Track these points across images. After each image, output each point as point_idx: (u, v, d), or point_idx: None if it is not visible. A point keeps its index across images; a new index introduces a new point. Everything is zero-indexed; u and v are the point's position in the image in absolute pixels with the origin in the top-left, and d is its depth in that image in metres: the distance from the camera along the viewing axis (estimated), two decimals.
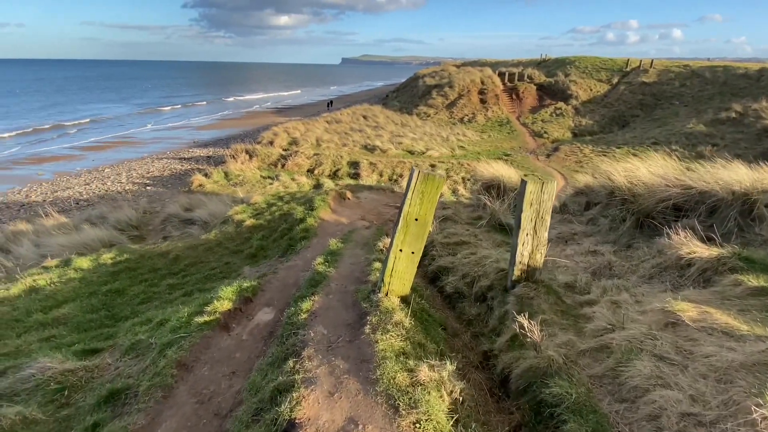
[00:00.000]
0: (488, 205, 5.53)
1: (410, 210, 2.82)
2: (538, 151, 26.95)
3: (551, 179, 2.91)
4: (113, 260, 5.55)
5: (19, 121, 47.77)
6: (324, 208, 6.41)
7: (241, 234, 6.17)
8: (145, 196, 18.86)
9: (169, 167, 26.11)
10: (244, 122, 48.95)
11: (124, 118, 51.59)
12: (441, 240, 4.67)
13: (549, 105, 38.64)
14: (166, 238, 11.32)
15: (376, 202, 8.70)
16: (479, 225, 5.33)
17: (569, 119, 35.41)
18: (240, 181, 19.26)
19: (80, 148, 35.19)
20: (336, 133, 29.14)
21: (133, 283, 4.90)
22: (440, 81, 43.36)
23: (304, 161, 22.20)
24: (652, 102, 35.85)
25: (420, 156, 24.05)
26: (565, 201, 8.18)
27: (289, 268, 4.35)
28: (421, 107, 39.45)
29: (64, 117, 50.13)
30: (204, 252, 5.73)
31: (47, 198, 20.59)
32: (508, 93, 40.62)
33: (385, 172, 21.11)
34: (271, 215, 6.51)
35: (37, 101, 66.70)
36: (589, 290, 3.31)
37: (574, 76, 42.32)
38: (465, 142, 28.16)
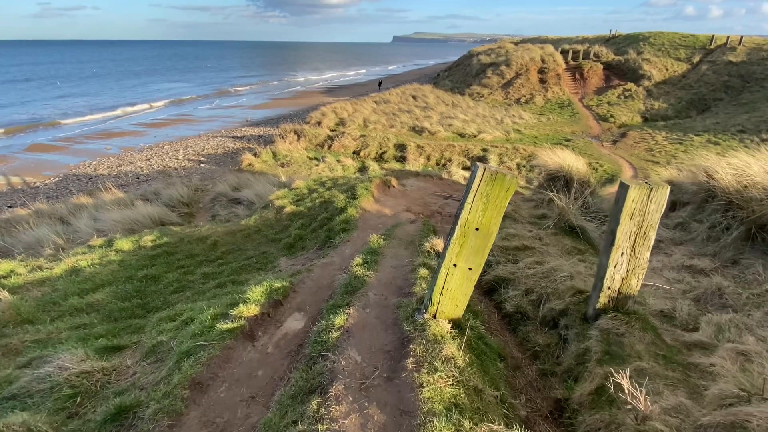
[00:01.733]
0: (556, 201, 4.77)
1: (470, 217, 2.24)
2: (603, 136, 24.72)
3: (662, 185, 2.20)
4: (153, 243, 5.48)
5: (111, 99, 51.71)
6: (366, 197, 5.94)
7: (281, 221, 5.88)
8: (198, 173, 19.49)
9: (223, 145, 26.91)
10: (295, 102, 49.53)
11: (194, 100, 53.66)
12: (498, 242, 4.04)
13: (617, 86, 35.33)
14: (214, 216, 11.48)
15: (422, 190, 8.10)
16: (545, 226, 4.60)
17: (639, 102, 32.17)
18: (287, 161, 19.33)
19: (144, 125, 37.30)
20: (384, 113, 28.48)
21: (169, 269, 4.75)
22: (496, 59, 40.97)
23: (350, 143, 21.87)
24: (740, 84, 31.60)
25: (471, 139, 22.86)
26: None
27: (325, 266, 3.94)
28: (475, 87, 37.60)
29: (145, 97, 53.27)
30: (242, 239, 5.50)
31: (112, 171, 21.95)
32: (571, 72, 37.60)
33: (433, 156, 20.28)
34: (311, 202, 6.16)
35: (113, 85, 71.59)
36: (696, 326, 2.58)
37: (647, 54, 38.25)
38: (521, 125, 26.43)
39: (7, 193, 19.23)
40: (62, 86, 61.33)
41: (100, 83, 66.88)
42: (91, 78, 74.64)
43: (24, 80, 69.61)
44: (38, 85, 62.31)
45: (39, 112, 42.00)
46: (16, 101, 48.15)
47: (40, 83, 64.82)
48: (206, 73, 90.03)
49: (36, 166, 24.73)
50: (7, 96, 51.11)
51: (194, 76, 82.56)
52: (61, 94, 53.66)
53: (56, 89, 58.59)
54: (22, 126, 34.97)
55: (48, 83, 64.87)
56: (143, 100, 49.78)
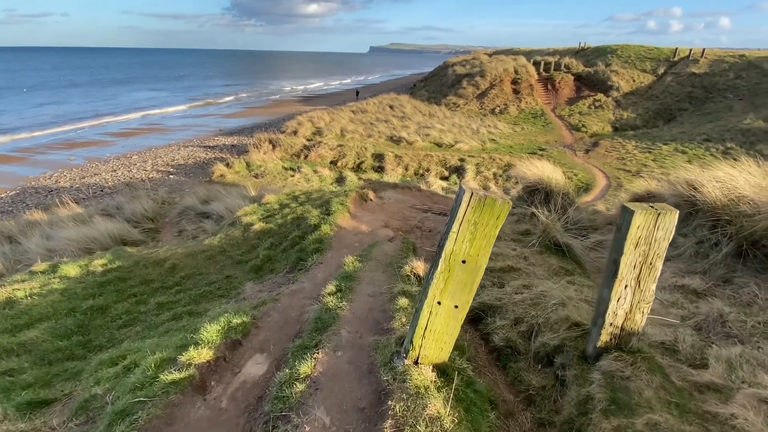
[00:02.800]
0: (540, 218, 4.55)
1: (455, 248, 1.93)
2: (576, 146, 25.23)
3: (670, 209, 1.94)
4: (104, 267, 4.94)
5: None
6: (342, 212, 5.58)
7: (248, 240, 5.44)
8: (167, 185, 18.63)
9: (194, 155, 26.00)
10: (271, 111, 48.78)
11: (166, 108, 52.09)
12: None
13: (587, 96, 36.38)
14: (180, 232, 10.84)
15: (401, 203, 7.80)
16: (529, 243, 4.36)
17: (609, 112, 33.18)
18: (261, 172, 18.74)
19: (112, 134, 35.79)
20: (361, 123, 28.25)
21: (119, 299, 4.24)
22: (471, 70, 41.59)
23: (327, 152, 21.48)
24: (703, 95, 33.08)
25: (448, 149, 22.86)
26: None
27: (294, 293, 3.55)
28: (450, 97, 37.97)
29: (114, 105, 51.34)
30: (204, 261, 5.03)
31: (75, 184, 20.76)
32: (543, 83, 38.51)
33: (411, 165, 20.11)
34: (282, 219, 5.74)
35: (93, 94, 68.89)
36: (703, 361, 2.34)
37: (615, 65, 39.66)
38: (496, 134, 26.71)
39: None
40: (28, 94, 58.57)
41: (67, 91, 64.23)
42: (58, 86, 71.62)
43: None
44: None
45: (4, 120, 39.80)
46: None
47: (2, 92, 61.60)
48: (179, 82, 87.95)
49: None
50: None
51: (167, 85, 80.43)
52: (27, 103, 51.15)
53: (21, 97, 55.89)
54: None
55: (10, 91, 61.81)
56: (112, 109, 47.97)
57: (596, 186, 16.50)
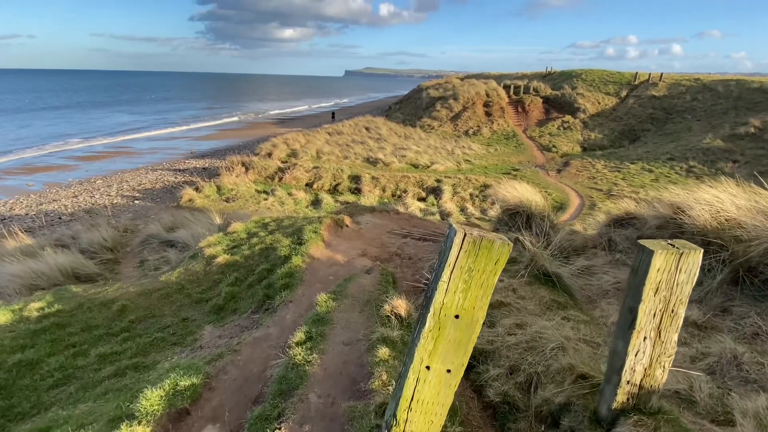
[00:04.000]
0: (527, 246, 4.28)
1: (447, 301, 1.58)
2: (548, 165, 25.78)
3: (693, 249, 1.66)
4: (40, 312, 4.31)
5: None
6: (315, 241, 5.17)
7: (211, 274, 4.94)
8: (131, 211, 17.66)
9: (162, 179, 25.00)
10: (245, 133, 48.12)
11: (135, 131, 50.59)
12: None
13: (556, 118, 37.64)
14: (142, 262, 10.09)
15: (379, 228, 7.45)
16: (517, 274, 4.07)
17: (578, 133, 34.34)
18: (233, 195, 18.08)
19: (76, 158, 34.23)
20: (337, 145, 28.07)
21: (54, 350, 3.65)
22: (444, 93, 42.50)
23: (302, 174, 21.05)
24: (663, 116, 34.80)
25: (425, 170, 22.87)
26: (603, 231, 6.94)
27: (258, 342, 3.09)
28: (425, 119, 38.51)
29: (81, 128, 49.48)
30: (159, 301, 4.48)
31: (30, 211, 19.44)
32: (514, 106, 39.69)
33: (388, 187, 19.91)
34: (250, 249, 5.28)
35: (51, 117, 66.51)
36: (728, 416, 2.04)
37: (581, 89, 41.42)
38: (471, 155, 27.03)
39: None
40: None
41: (33, 114, 61.59)
42: (23, 109, 68.64)
43: None
44: None
45: None
46: None
47: None
48: (150, 104, 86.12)
49: None
50: None
51: (137, 107, 78.51)
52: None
53: None
54: None
55: None
56: (79, 132, 46.14)
57: (570, 205, 16.70)
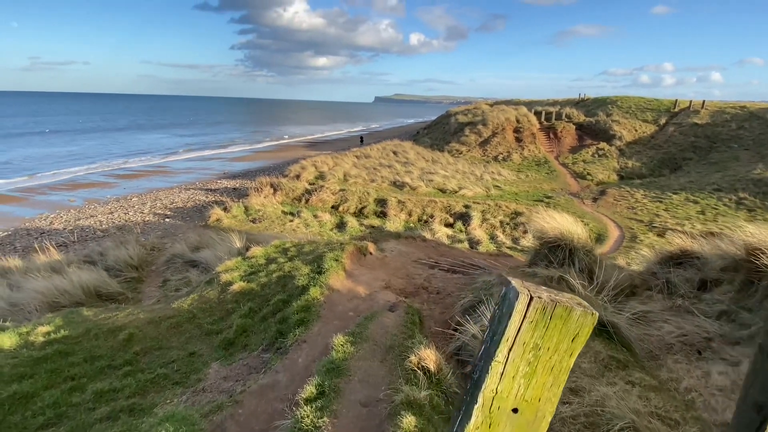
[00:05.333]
0: (575, 287, 3.73)
1: (502, 388, 1.14)
2: (583, 194, 24.72)
3: None
4: (46, 338, 4.10)
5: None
6: (336, 270, 4.79)
7: (224, 303, 4.63)
8: (161, 229, 18.00)
9: (194, 198, 25.63)
10: (277, 155, 49.38)
11: (174, 152, 53.08)
12: None
13: (590, 145, 36.51)
14: (165, 282, 10.02)
15: (404, 257, 7.01)
16: None
17: (614, 161, 33.05)
18: (260, 216, 18.14)
19: (116, 176, 35.91)
20: (364, 168, 28.11)
21: (51, 383, 3.39)
22: (473, 119, 42.30)
23: (329, 197, 20.99)
24: (707, 144, 33.07)
25: (452, 195, 22.38)
26: (653, 269, 6.23)
27: (264, 391, 2.69)
28: (453, 144, 38.25)
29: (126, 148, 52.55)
30: (168, 331, 4.19)
31: (68, 226, 20.20)
32: (545, 132, 38.90)
33: (414, 211, 19.50)
34: (267, 277, 4.96)
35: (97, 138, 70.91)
36: None
37: (616, 116, 40.24)
38: (501, 181, 26.35)
39: None
40: (47, 136, 60.01)
41: (83, 135, 65.88)
42: (76, 130, 73.63)
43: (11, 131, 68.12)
44: (21, 135, 60.91)
45: (10, 161, 40.29)
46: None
47: (26, 136, 63.07)
48: (190, 127, 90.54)
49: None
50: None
51: (177, 129, 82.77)
52: (42, 145, 52.27)
53: (39, 139, 57.18)
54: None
55: (34, 134, 63.40)
56: (122, 152, 48.84)
57: (609, 237, 15.71)
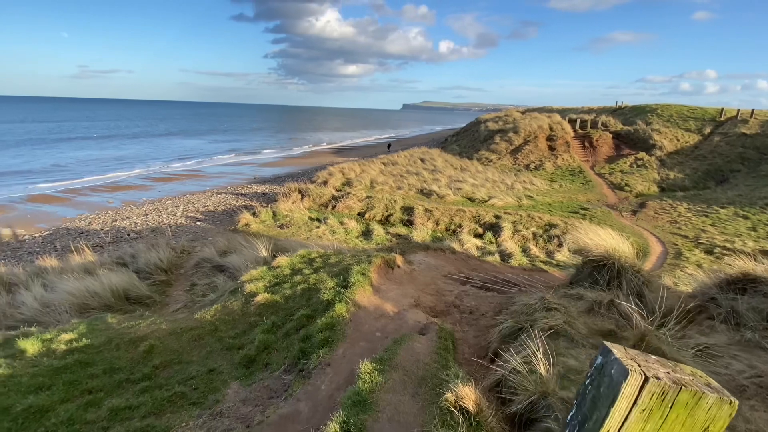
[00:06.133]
0: (634, 319, 3.31)
1: None
2: (620, 206, 23.54)
3: None
4: (68, 346, 4.04)
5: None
6: (363, 285, 4.54)
7: (247, 315, 4.46)
8: (191, 232, 18.37)
9: (225, 202, 26.17)
10: (305, 161, 50.08)
11: (208, 156, 55.00)
12: (559, 391, 2.55)
13: (628, 155, 34.94)
14: (192, 286, 10.07)
15: (433, 270, 6.68)
16: None
17: (653, 171, 31.44)
18: (287, 222, 18.22)
19: (152, 179, 37.30)
20: (391, 175, 27.92)
21: (68, 396, 3.28)
22: (504, 126, 41.46)
23: (355, 204, 20.89)
24: (756, 156, 30.97)
25: (482, 204, 21.80)
26: (709, 292, 5.65)
27: (284, 422, 2.45)
28: (483, 152, 37.54)
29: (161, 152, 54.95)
30: (189, 343, 4.05)
31: (105, 226, 20.98)
32: (580, 140, 37.57)
33: (442, 220, 19.07)
34: (291, 289, 4.77)
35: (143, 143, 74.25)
36: None
37: (656, 124, 38.41)
38: (533, 191, 25.51)
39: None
40: (91, 142, 63.43)
41: (124, 139, 69.24)
42: (117, 135, 77.47)
43: (57, 135, 72.43)
44: (71, 139, 64.66)
45: (59, 163, 42.75)
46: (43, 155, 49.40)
47: (76, 140, 66.91)
48: (224, 133, 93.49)
49: (32, 217, 23.99)
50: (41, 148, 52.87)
51: (212, 135, 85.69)
52: (87, 149, 55.29)
53: (85, 144, 60.47)
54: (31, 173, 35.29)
55: (83, 139, 67.16)
56: (160, 155, 50.94)
57: (651, 253, 14.76)
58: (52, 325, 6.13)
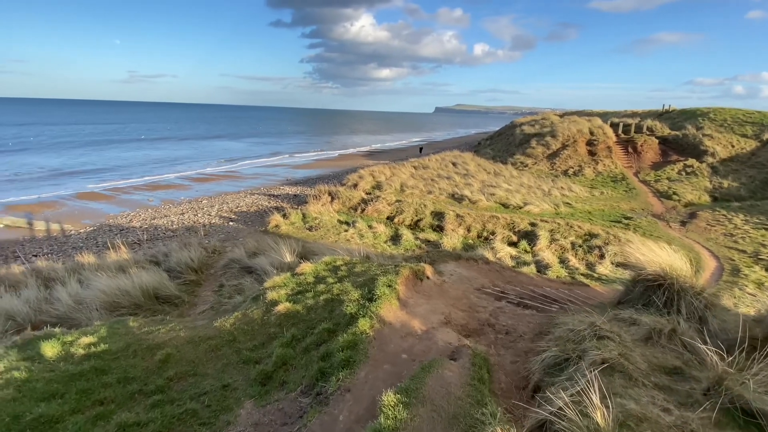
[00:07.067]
0: (708, 357, 2.80)
1: None
2: (668, 216, 21.99)
3: None
4: (86, 351, 3.96)
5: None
6: (389, 299, 4.22)
7: (267, 326, 4.25)
8: (224, 232, 18.70)
9: (257, 203, 26.63)
10: (337, 164, 50.47)
11: (244, 157, 56.71)
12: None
13: (676, 161, 32.77)
14: (220, 287, 10.10)
15: (465, 283, 6.26)
16: (694, 404, 2.61)
17: (705, 179, 29.27)
18: (316, 224, 18.19)
19: (191, 179, 38.64)
20: (422, 179, 27.48)
21: (80, 406, 3.16)
22: (540, 130, 40.05)
23: (384, 207, 20.62)
24: None
25: (516, 211, 20.97)
26: None
27: None
28: (518, 156, 36.37)
29: (202, 153, 57.18)
30: (205, 354, 3.87)
31: (144, 224, 21.77)
32: (623, 146, 35.65)
33: (473, 227, 18.46)
34: (314, 299, 4.52)
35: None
36: None
37: (708, 129, 35.88)
38: (571, 198, 24.33)
39: (40, 240, 19.22)
40: (139, 143, 66.85)
41: (167, 142, 72.52)
42: (165, 137, 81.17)
43: (112, 138, 76.91)
44: (120, 141, 68.50)
45: (110, 163, 45.28)
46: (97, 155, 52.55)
47: (124, 142, 70.72)
48: (261, 135, 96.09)
49: (79, 213, 25.31)
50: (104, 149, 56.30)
51: (250, 137, 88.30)
52: (136, 149, 58.34)
53: (133, 145, 63.78)
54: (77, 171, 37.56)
55: (131, 141, 70.97)
56: (199, 156, 52.95)
57: (704, 268, 13.56)
58: (82, 323, 6.19)
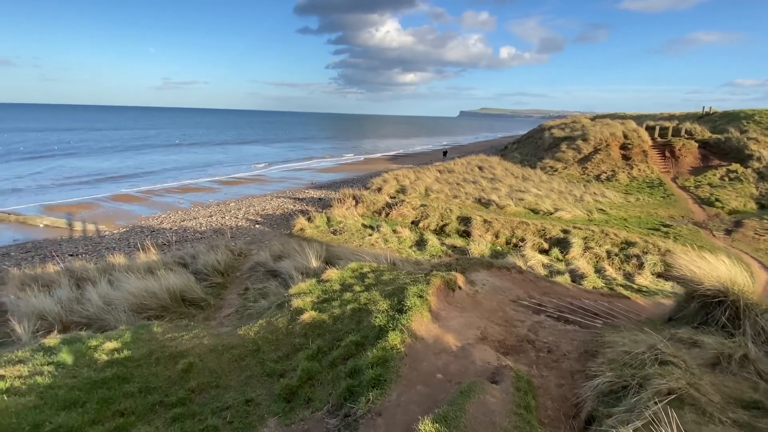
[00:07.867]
0: None
1: None
2: (711, 224, 20.70)
3: None
4: (109, 357, 3.88)
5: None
6: (420, 311, 3.95)
7: (292, 335, 4.06)
8: (250, 235, 18.87)
9: (283, 206, 26.86)
10: (361, 167, 50.56)
11: (272, 162, 57.88)
12: None
13: (718, 166, 30.99)
14: (246, 290, 10.07)
15: (499, 294, 5.90)
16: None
17: (750, 186, 27.52)
18: (341, 228, 18.10)
19: (219, 182, 39.51)
20: (447, 183, 27.03)
21: (100, 417, 3.05)
22: (571, 133, 38.82)
23: (409, 212, 20.33)
24: None
25: (546, 217, 20.24)
26: None
27: None
28: (547, 160, 35.32)
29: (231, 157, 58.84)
30: (228, 364, 3.72)
31: (174, 226, 22.29)
32: (659, 150, 34.05)
33: (502, 233, 17.90)
34: (341, 308, 4.31)
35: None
36: None
37: (753, 133, 33.83)
38: (605, 204, 23.32)
39: (76, 240, 19.97)
40: (172, 148, 69.19)
41: (199, 146, 74.71)
42: (194, 143, 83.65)
43: (151, 141, 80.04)
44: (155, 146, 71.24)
45: (144, 167, 47.02)
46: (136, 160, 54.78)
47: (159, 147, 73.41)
48: (288, 140, 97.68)
49: (114, 215, 26.21)
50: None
51: (277, 141, 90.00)
52: (169, 153, 60.50)
53: (166, 150, 66.08)
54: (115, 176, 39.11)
55: (165, 146, 73.61)
56: (228, 160, 54.32)
57: (755, 281, 12.57)
58: (110, 324, 6.20)
